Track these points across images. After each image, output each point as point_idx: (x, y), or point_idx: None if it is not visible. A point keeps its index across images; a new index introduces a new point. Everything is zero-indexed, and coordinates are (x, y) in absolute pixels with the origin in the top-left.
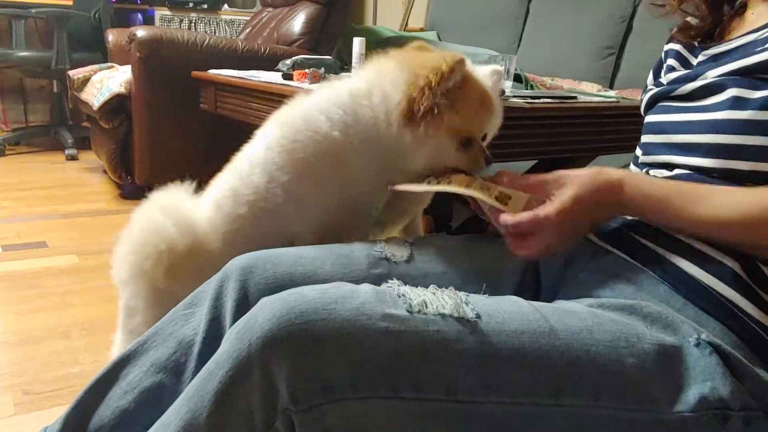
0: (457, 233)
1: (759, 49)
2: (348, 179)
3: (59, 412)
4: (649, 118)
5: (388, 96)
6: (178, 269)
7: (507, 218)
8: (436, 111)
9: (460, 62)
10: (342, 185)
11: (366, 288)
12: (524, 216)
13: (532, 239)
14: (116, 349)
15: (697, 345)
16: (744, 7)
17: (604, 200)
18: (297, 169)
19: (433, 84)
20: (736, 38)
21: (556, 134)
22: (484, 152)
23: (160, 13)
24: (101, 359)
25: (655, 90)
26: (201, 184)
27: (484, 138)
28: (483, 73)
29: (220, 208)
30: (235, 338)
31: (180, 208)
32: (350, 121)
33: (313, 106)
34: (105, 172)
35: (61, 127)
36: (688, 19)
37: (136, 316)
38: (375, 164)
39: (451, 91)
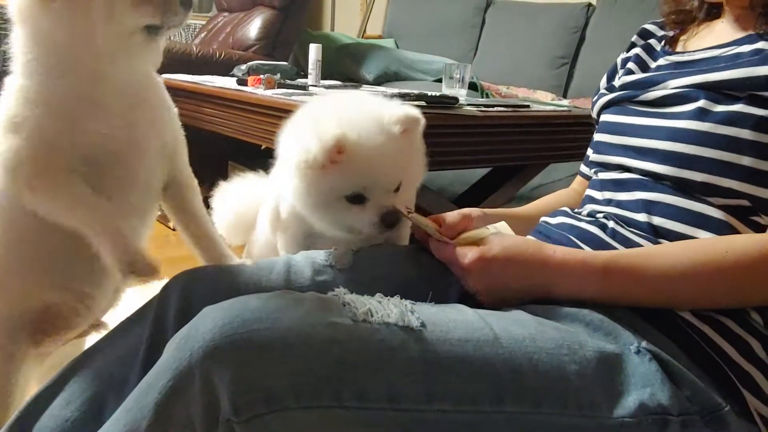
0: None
1: (723, 65)
2: None
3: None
4: (606, 117)
5: None
6: None
7: (434, 247)
8: None
9: None
10: None
11: (311, 296)
12: (449, 249)
13: (464, 275)
14: None
15: (638, 352)
16: (718, 9)
17: (534, 263)
18: None
19: None
20: (701, 50)
21: (509, 142)
22: None
23: None
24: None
25: (612, 95)
26: None
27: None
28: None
29: None
30: (175, 348)
31: None
32: None
33: None
34: None
35: None
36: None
37: None
38: None
39: None
